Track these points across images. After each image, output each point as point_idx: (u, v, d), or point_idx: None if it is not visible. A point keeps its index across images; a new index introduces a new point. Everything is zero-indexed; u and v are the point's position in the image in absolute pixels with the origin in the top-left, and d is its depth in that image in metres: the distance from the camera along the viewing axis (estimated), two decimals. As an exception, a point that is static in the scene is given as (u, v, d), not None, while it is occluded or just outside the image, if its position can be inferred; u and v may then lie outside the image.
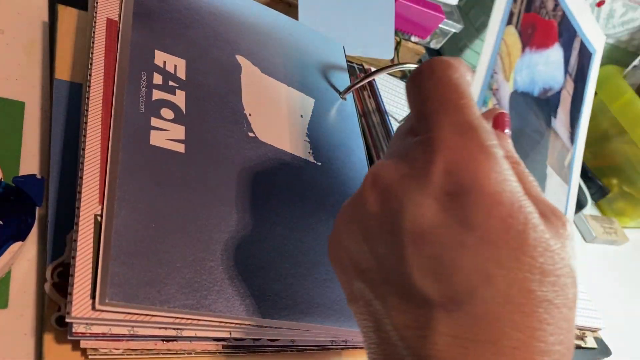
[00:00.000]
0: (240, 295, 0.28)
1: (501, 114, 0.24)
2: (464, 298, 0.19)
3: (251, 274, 0.30)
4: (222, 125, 0.35)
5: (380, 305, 0.21)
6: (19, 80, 0.35)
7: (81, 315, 0.24)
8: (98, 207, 0.27)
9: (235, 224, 0.31)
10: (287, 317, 0.29)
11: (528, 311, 0.19)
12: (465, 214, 0.19)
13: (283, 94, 0.41)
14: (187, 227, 0.29)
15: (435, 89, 0.22)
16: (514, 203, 0.19)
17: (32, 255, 0.30)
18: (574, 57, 0.33)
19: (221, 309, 0.27)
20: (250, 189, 0.33)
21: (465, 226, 0.19)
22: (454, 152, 0.20)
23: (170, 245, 0.27)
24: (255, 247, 0.31)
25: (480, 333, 0.19)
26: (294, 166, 0.37)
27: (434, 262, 0.20)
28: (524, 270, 0.19)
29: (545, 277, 0.19)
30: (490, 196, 0.19)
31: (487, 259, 0.19)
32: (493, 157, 0.20)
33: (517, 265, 0.19)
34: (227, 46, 0.40)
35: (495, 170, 0.20)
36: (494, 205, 0.19)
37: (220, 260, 0.29)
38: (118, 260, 0.25)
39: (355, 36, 0.56)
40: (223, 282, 0.28)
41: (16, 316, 0.28)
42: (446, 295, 0.19)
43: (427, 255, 0.20)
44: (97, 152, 0.29)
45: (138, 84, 0.32)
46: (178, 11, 0.38)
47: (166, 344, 0.28)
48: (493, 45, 0.26)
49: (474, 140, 0.20)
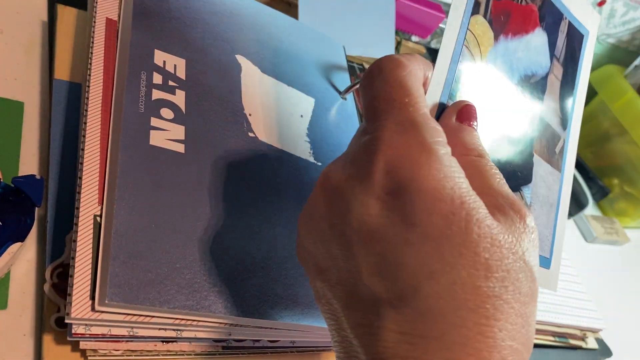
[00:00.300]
0: (240, 296, 0.28)
1: (466, 106, 0.24)
2: (410, 294, 0.19)
3: (251, 274, 0.30)
4: (222, 125, 0.35)
5: (337, 304, 0.22)
6: (18, 80, 0.35)
7: (81, 316, 0.24)
8: (97, 207, 0.27)
9: (235, 224, 0.31)
10: (288, 317, 0.29)
11: (474, 307, 0.19)
12: (407, 211, 0.20)
13: (283, 93, 0.41)
14: (187, 227, 0.29)
15: (382, 88, 0.22)
16: (454, 199, 0.19)
17: (32, 256, 0.30)
18: (561, 40, 0.33)
19: (221, 310, 0.27)
20: (250, 189, 0.33)
21: (407, 224, 0.20)
22: (394, 151, 0.20)
23: (170, 246, 0.27)
24: (255, 248, 0.31)
25: (426, 329, 0.19)
26: (294, 166, 0.37)
27: (380, 260, 0.20)
28: (468, 266, 0.19)
29: (492, 273, 0.19)
30: (430, 193, 0.19)
31: (430, 255, 0.19)
32: (433, 154, 0.20)
33: (460, 261, 0.19)
34: (227, 46, 0.40)
35: (435, 167, 0.20)
36: (435, 202, 0.19)
37: (220, 261, 0.29)
38: (118, 260, 0.25)
39: (356, 36, 0.56)
40: (223, 283, 0.28)
41: (15, 317, 0.28)
42: (392, 292, 0.20)
43: (373, 254, 0.20)
44: (96, 152, 0.29)
45: (138, 83, 0.32)
46: (178, 10, 0.38)
47: (166, 345, 0.28)
48: (455, 38, 0.26)
49: (415, 138, 0.20)
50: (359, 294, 0.21)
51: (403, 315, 0.19)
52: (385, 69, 0.22)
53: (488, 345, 0.19)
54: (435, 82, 0.25)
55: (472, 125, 0.24)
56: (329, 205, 0.22)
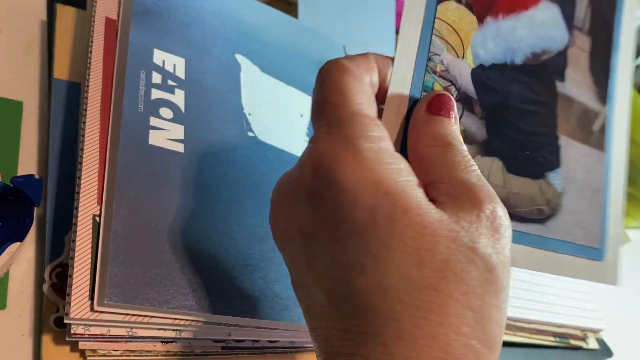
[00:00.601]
0: (240, 296, 0.28)
1: (436, 97, 0.23)
2: (345, 291, 0.19)
3: (251, 274, 0.29)
4: (222, 125, 0.35)
5: (302, 309, 0.22)
6: (17, 79, 0.35)
7: (80, 316, 0.24)
8: (97, 207, 0.27)
9: (234, 224, 0.31)
10: (287, 317, 0.29)
11: (406, 299, 0.18)
12: (334, 209, 0.20)
13: (283, 93, 0.41)
14: (187, 227, 0.28)
15: (320, 92, 0.22)
16: (378, 192, 0.19)
17: (31, 256, 0.30)
18: (581, 9, 0.30)
19: (221, 310, 0.27)
20: (249, 189, 0.33)
21: (335, 222, 0.20)
22: (319, 151, 0.21)
23: (169, 246, 0.27)
24: (255, 248, 0.31)
25: (362, 325, 0.19)
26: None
27: (318, 261, 0.20)
28: (397, 258, 0.19)
29: (425, 263, 0.19)
30: (352, 189, 0.19)
31: (358, 250, 0.19)
32: (355, 149, 0.20)
33: (388, 253, 0.19)
34: (227, 45, 0.40)
35: (357, 162, 0.20)
36: (357, 197, 0.19)
37: (219, 261, 0.29)
38: (117, 260, 0.25)
39: (356, 35, 0.56)
40: (223, 283, 0.28)
41: (14, 317, 0.27)
42: (330, 290, 0.20)
43: (312, 255, 0.21)
44: (95, 152, 0.29)
45: (137, 83, 0.32)
46: (177, 10, 0.38)
47: (165, 346, 0.28)
48: (417, 31, 0.25)
49: (338, 135, 0.20)
50: (311, 297, 0.21)
51: (342, 313, 0.19)
52: (324, 72, 0.23)
53: (427, 339, 0.18)
54: (399, 78, 0.24)
55: (444, 115, 0.23)
56: (278, 212, 0.22)
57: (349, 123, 0.21)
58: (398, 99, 0.24)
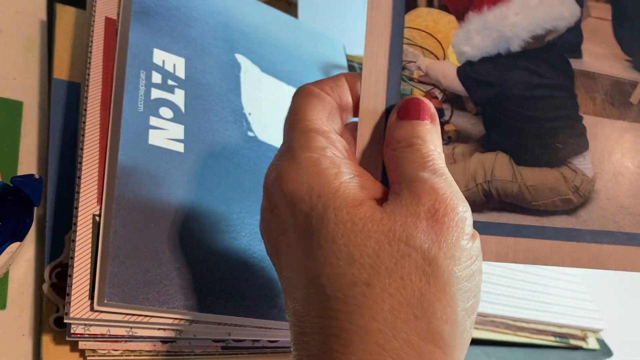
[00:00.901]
0: (240, 296, 0.28)
1: (404, 103, 0.24)
2: (292, 296, 0.21)
3: (251, 274, 0.29)
4: (222, 125, 0.35)
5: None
6: (17, 79, 0.35)
7: (80, 316, 0.24)
8: (96, 207, 0.27)
9: (234, 224, 0.31)
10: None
11: (342, 296, 0.19)
12: (284, 218, 0.22)
13: (283, 92, 0.41)
14: (186, 227, 0.28)
15: (288, 115, 0.25)
16: (312, 196, 0.20)
17: (30, 256, 0.29)
18: None
19: (221, 310, 0.27)
20: (249, 188, 0.33)
21: (283, 229, 0.22)
22: (272, 168, 0.23)
23: (169, 246, 0.27)
24: (255, 248, 0.31)
25: (309, 325, 0.20)
26: (294, 166, 0.37)
27: (278, 267, 0.23)
28: (329, 257, 0.19)
29: (355, 259, 0.19)
30: (290, 196, 0.21)
31: (301, 253, 0.20)
32: (292, 159, 0.22)
33: (321, 253, 0.20)
34: (227, 45, 0.40)
35: (294, 170, 0.21)
36: (295, 202, 0.21)
37: (219, 261, 0.29)
38: (117, 260, 0.25)
39: (356, 35, 0.56)
40: (223, 283, 0.28)
41: (14, 317, 0.27)
42: (288, 293, 0.21)
43: (276, 263, 0.23)
44: (95, 152, 0.29)
45: (137, 82, 0.32)
46: (177, 9, 0.38)
47: (165, 345, 0.28)
48: (385, 45, 0.25)
49: (287, 152, 0.22)
50: (287, 306, 0.22)
51: (296, 317, 0.21)
52: (292, 98, 0.25)
53: (360, 335, 0.18)
54: (369, 91, 0.24)
55: (413, 118, 0.23)
56: (261, 226, 0.25)
57: (297, 139, 0.22)
58: (372, 112, 0.24)
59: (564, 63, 0.28)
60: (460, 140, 0.26)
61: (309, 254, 0.20)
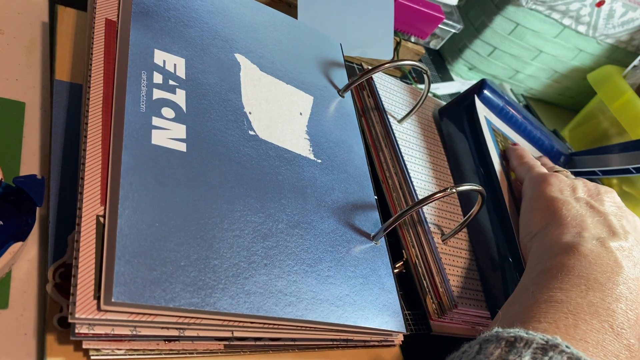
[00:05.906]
0: (244, 293, 0.28)
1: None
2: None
3: (254, 271, 0.30)
4: (223, 124, 0.35)
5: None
6: (19, 80, 0.35)
7: (85, 316, 0.24)
8: (100, 207, 0.27)
9: (237, 221, 0.31)
10: (291, 313, 0.29)
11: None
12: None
13: (282, 91, 0.41)
14: (190, 225, 0.29)
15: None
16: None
17: (33, 256, 0.30)
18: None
19: (226, 307, 0.27)
20: (251, 186, 0.33)
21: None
22: None
23: (174, 244, 0.27)
24: (258, 245, 0.31)
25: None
26: (294, 164, 0.37)
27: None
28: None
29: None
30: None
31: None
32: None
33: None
34: (226, 44, 0.40)
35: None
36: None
37: (223, 258, 0.29)
38: (123, 259, 0.25)
39: (355, 37, 0.56)
40: (227, 280, 0.28)
41: (16, 316, 0.27)
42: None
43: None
44: (98, 153, 0.29)
45: (138, 83, 0.32)
46: (176, 10, 0.38)
47: (168, 344, 0.28)
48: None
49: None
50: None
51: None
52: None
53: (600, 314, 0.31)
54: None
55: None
56: None
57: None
58: None
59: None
60: None
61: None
